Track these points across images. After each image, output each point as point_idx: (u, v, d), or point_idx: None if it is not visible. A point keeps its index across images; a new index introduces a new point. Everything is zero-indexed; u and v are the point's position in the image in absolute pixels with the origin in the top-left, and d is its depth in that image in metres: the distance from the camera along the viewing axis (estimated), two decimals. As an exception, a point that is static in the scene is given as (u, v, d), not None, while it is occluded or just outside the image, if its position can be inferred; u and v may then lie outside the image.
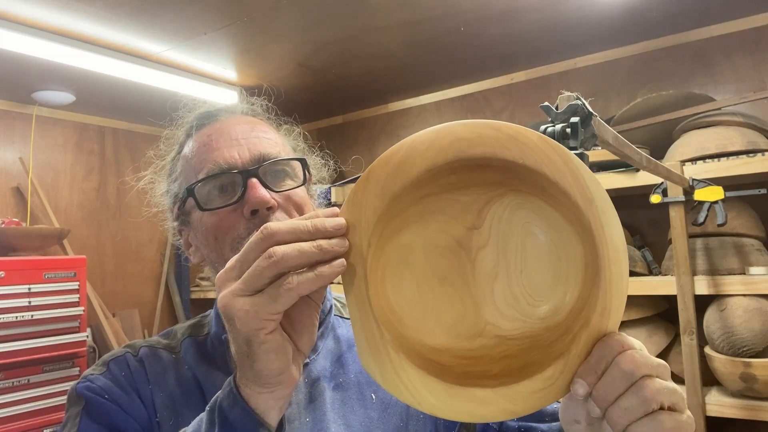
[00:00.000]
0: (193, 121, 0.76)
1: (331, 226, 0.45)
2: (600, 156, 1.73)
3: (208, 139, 0.72)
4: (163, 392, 0.69)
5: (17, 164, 2.66)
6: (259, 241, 0.44)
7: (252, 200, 0.65)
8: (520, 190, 0.47)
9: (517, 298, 0.47)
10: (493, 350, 0.47)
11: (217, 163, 0.69)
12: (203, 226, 0.70)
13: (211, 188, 0.69)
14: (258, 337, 0.44)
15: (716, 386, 1.67)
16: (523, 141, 0.43)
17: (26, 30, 1.89)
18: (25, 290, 2.19)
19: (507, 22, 2.04)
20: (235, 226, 0.67)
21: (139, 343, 0.75)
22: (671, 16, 2.05)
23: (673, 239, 1.61)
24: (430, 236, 0.48)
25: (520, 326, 0.47)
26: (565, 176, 0.43)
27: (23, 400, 2.15)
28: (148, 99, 2.61)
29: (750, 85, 2.07)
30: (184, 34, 2.02)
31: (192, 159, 0.72)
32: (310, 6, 1.85)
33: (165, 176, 0.78)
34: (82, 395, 0.67)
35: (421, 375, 0.44)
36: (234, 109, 0.78)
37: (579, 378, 0.44)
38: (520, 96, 2.60)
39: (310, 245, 0.43)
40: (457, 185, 0.47)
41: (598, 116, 0.68)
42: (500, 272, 0.47)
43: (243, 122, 0.74)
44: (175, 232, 0.77)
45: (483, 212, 0.48)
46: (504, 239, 0.47)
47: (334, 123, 3.23)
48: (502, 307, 0.47)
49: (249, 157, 0.69)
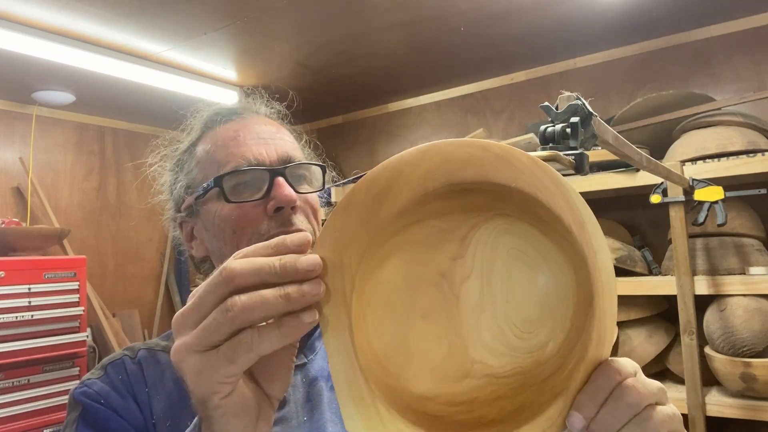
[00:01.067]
0: (213, 116, 0.76)
1: (303, 267, 0.38)
2: (600, 156, 1.73)
3: (235, 134, 0.72)
4: (160, 395, 0.69)
5: (17, 164, 2.66)
6: (218, 284, 0.38)
7: (279, 197, 0.67)
8: (507, 215, 0.43)
9: (503, 331, 0.44)
10: (484, 391, 0.43)
11: (246, 158, 0.69)
12: (221, 218, 0.70)
13: (236, 182, 0.70)
14: (212, 401, 0.39)
15: (716, 386, 1.67)
16: (514, 163, 0.40)
17: (26, 30, 1.89)
18: (25, 290, 2.19)
19: (507, 22, 2.04)
20: (257, 222, 0.68)
21: (138, 346, 0.75)
22: (671, 16, 2.05)
23: (673, 239, 1.61)
24: (412, 269, 0.44)
25: (508, 362, 0.44)
26: (558, 200, 0.40)
27: (23, 400, 2.15)
28: (148, 99, 2.61)
29: (750, 85, 2.07)
30: (184, 34, 2.02)
31: (216, 152, 0.72)
32: (310, 6, 1.85)
33: (172, 167, 0.78)
34: (79, 401, 0.67)
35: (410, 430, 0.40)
36: (257, 109, 0.79)
37: (576, 411, 0.40)
38: (520, 96, 2.60)
39: (275, 294, 0.37)
40: (441, 211, 0.43)
41: (598, 116, 0.68)
42: (486, 304, 0.44)
43: (267, 123, 0.76)
44: (176, 224, 0.77)
45: (466, 240, 0.44)
46: (488, 267, 0.44)
47: (334, 123, 3.23)
48: (489, 341, 0.44)
49: (276, 157, 0.70)
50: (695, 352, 1.58)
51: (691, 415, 1.58)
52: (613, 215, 2.20)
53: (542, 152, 0.61)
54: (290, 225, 0.68)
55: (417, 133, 2.94)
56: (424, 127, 2.92)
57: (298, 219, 0.69)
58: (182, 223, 0.76)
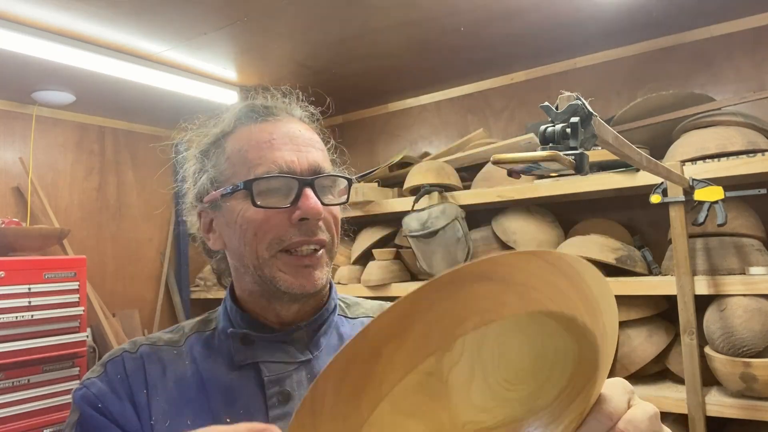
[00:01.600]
0: (248, 112, 0.77)
1: None
2: (600, 156, 1.73)
3: (270, 137, 0.73)
4: (159, 396, 0.69)
5: (17, 164, 2.66)
6: None
7: (307, 209, 0.69)
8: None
9: (492, 388, 0.40)
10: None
11: (278, 164, 0.71)
12: (244, 219, 0.71)
13: (265, 187, 0.71)
14: None
15: (716, 386, 1.67)
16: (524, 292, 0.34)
17: (26, 30, 1.89)
18: (25, 290, 2.19)
19: (507, 22, 2.04)
20: (280, 228, 0.70)
21: (139, 341, 0.76)
22: (671, 16, 2.05)
23: (673, 239, 1.61)
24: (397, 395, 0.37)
25: (500, 412, 0.41)
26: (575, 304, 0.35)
27: (23, 400, 2.15)
28: (148, 99, 2.61)
29: (750, 85, 2.07)
30: (184, 34, 2.02)
31: (249, 151, 0.72)
32: (310, 6, 1.85)
33: (199, 156, 0.77)
34: (78, 407, 0.69)
35: None
36: (292, 111, 0.80)
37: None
38: (520, 96, 2.60)
39: None
40: None
41: (598, 116, 0.68)
42: (476, 374, 0.40)
43: (303, 128, 0.77)
44: (194, 211, 0.78)
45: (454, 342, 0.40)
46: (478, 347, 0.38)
47: (334, 123, 3.24)
48: (478, 402, 0.41)
49: (307, 166, 0.72)
50: (695, 352, 1.58)
51: (691, 415, 1.58)
52: (613, 215, 2.20)
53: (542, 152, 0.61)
54: (313, 235, 0.71)
55: (417, 133, 2.94)
56: (424, 127, 2.92)
57: (320, 230, 0.72)
58: (202, 213, 0.77)
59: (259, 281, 0.72)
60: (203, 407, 0.69)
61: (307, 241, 0.70)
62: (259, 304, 0.75)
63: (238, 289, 0.78)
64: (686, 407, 1.58)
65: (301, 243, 0.70)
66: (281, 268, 0.70)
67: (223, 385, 0.71)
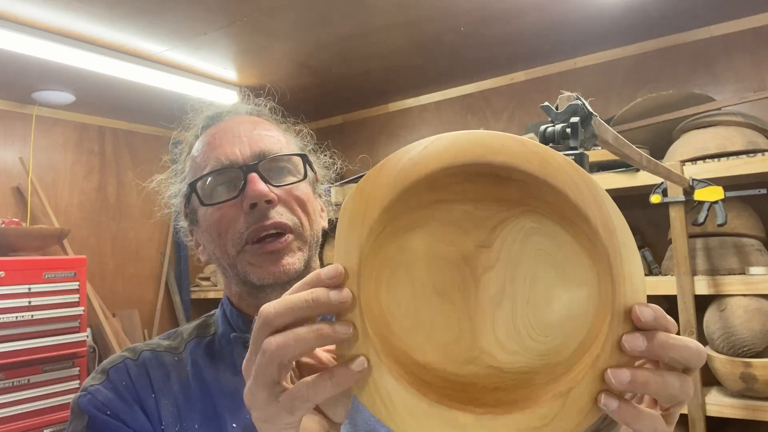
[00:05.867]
0: (201, 123, 0.78)
1: (336, 299, 0.39)
2: (600, 156, 1.73)
3: (212, 138, 0.74)
4: (167, 400, 0.68)
5: (17, 164, 2.65)
6: (258, 329, 0.40)
7: (250, 193, 0.67)
8: (537, 212, 0.43)
9: (519, 330, 0.43)
10: (485, 380, 0.43)
11: (219, 159, 0.70)
12: (207, 223, 0.71)
13: (213, 184, 0.71)
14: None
15: (716, 386, 1.67)
16: (548, 159, 0.41)
17: (26, 30, 1.89)
18: (25, 290, 2.19)
19: (507, 22, 2.04)
20: (236, 221, 0.69)
21: (139, 347, 0.74)
22: (671, 16, 2.05)
23: (673, 239, 1.61)
24: (436, 245, 0.44)
25: (518, 360, 0.43)
26: (588, 201, 0.40)
27: (23, 400, 2.15)
28: (148, 99, 2.61)
29: (750, 85, 2.07)
30: (184, 34, 2.02)
31: (197, 157, 0.74)
32: (310, 6, 1.85)
33: (177, 178, 0.79)
34: (85, 411, 0.66)
35: (400, 386, 0.40)
36: (239, 109, 0.80)
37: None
38: (520, 96, 2.60)
39: (308, 331, 0.39)
40: (473, 196, 0.44)
41: (598, 116, 0.68)
42: (505, 299, 0.43)
43: (246, 121, 0.76)
44: (187, 232, 0.79)
45: (496, 231, 0.44)
46: (514, 264, 0.43)
47: (334, 123, 3.24)
48: (502, 337, 0.43)
49: (249, 153, 0.71)
50: (695, 352, 1.58)
51: (691, 415, 1.58)
52: (613, 215, 2.20)
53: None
54: (266, 219, 0.68)
55: (417, 133, 2.94)
56: (424, 127, 2.92)
57: (276, 213, 0.69)
58: (191, 231, 0.78)
59: (238, 280, 0.72)
60: (210, 412, 0.68)
61: (263, 227, 0.68)
62: (250, 305, 0.74)
63: (229, 293, 0.78)
64: (686, 407, 1.58)
65: (259, 230, 0.68)
66: (249, 260, 0.69)
67: (228, 390, 0.70)
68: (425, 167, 0.41)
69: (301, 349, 0.39)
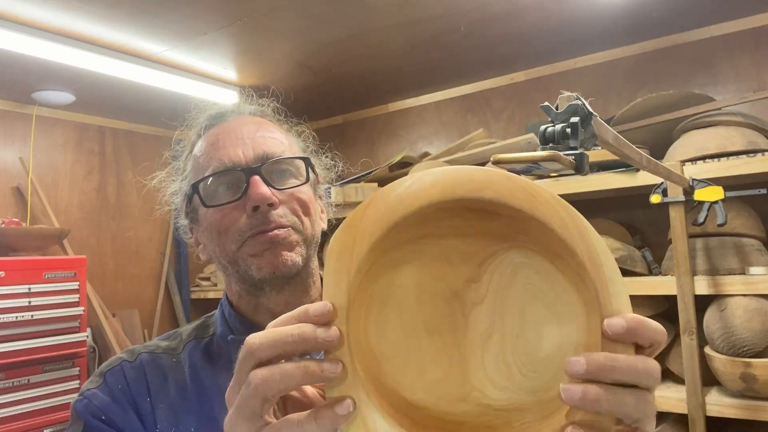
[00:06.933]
0: (203, 122, 0.78)
1: (323, 338, 0.38)
2: (600, 156, 1.73)
3: (216, 139, 0.73)
4: (163, 402, 0.69)
5: (17, 164, 2.65)
6: (243, 359, 0.40)
7: (253, 196, 0.67)
8: (525, 247, 0.43)
9: (509, 365, 0.43)
10: (476, 419, 0.42)
11: (222, 161, 0.70)
12: (208, 222, 0.72)
13: (215, 186, 0.71)
14: None
15: (716, 386, 1.67)
16: (535, 194, 0.41)
17: (26, 30, 1.89)
18: (25, 290, 2.19)
19: (507, 22, 2.04)
20: (238, 221, 0.69)
21: (138, 349, 0.75)
22: (671, 16, 2.05)
23: (673, 239, 1.61)
24: (425, 280, 0.44)
25: (509, 396, 0.42)
26: (573, 235, 0.40)
27: (23, 400, 2.15)
28: (148, 99, 2.61)
29: (750, 85, 2.07)
30: (184, 34, 2.02)
31: (200, 158, 0.74)
32: (310, 6, 1.85)
33: (178, 176, 0.79)
34: (82, 417, 0.67)
35: (389, 426, 0.39)
36: (242, 109, 0.80)
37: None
38: (520, 96, 2.60)
39: (295, 368, 0.38)
40: (461, 231, 0.44)
41: (598, 116, 0.68)
42: (494, 334, 0.43)
43: (250, 122, 0.76)
44: (187, 230, 0.79)
45: (484, 265, 0.44)
46: (502, 299, 0.43)
47: (334, 123, 3.23)
48: (492, 372, 0.43)
49: (253, 156, 0.71)
50: (695, 352, 1.58)
51: (691, 415, 1.58)
52: (613, 215, 2.20)
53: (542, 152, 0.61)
54: (269, 222, 0.68)
55: (417, 133, 2.94)
56: (424, 127, 2.92)
57: (277, 215, 0.69)
58: (191, 229, 0.78)
59: (239, 278, 0.72)
60: (207, 415, 0.68)
61: (264, 230, 0.68)
62: (250, 305, 0.75)
63: (229, 293, 0.78)
64: (686, 407, 1.58)
65: (260, 233, 0.69)
66: (250, 252, 0.69)
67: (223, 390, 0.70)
68: (413, 203, 0.41)
69: (286, 385, 0.38)
